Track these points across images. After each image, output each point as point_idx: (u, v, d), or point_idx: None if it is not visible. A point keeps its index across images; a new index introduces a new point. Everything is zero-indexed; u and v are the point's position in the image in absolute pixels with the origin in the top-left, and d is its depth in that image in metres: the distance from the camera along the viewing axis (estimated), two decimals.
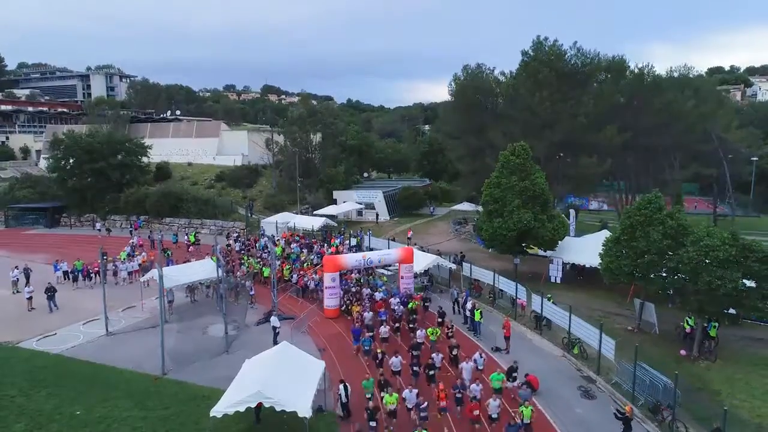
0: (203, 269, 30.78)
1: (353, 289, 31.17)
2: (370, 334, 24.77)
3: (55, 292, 29.06)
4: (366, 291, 30.46)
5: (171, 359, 23.01)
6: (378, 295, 29.74)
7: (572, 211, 44.03)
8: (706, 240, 22.46)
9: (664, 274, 24.28)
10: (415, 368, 21.31)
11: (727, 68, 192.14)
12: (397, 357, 21.84)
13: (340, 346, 25.70)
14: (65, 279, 36.27)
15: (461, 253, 38.71)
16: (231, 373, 21.68)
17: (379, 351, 22.49)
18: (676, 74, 49.65)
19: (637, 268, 25.12)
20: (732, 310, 22.48)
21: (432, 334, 24.20)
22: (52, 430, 17.94)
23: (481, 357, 21.95)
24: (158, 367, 22.65)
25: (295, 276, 34.03)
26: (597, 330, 22.27)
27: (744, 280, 21.62)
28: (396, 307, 27.88)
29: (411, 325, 26.05)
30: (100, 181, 58.98)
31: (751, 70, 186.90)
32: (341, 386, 18.97)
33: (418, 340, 24.00)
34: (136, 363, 23.32)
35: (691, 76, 50.82)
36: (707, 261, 22.00)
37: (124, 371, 22.60)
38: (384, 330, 25.23)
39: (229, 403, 15.61)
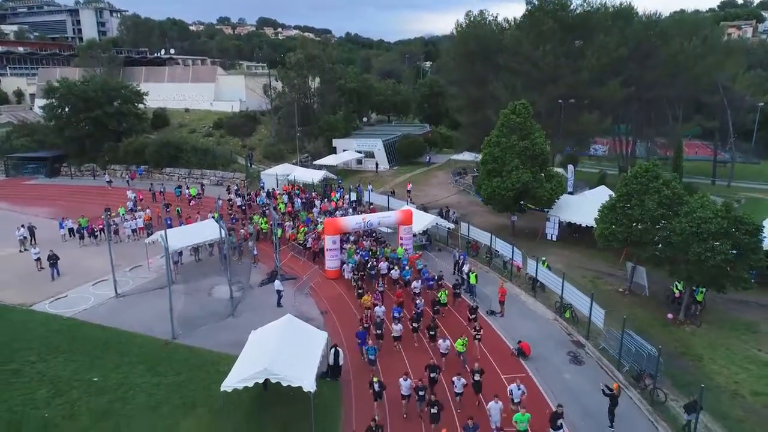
0: (206, 230, 31.43)
1: (366, 259, 29.56)
2: (379, 331, 22.38)
3: (58, 260, 29.33)
4: (383, 265, 28.63)
5: (179, 324, 24.02)
6: (395, 273, 27.96)
7: (570, 167, 44.11)
8: (699, 212, 22.91)
9: (657, 243, 24.85)
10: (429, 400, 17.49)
11: (740, 1, 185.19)
12: (406, 380, 18.09)
13: (341, 308, 26.71)
14: (71, 236, 36.97)
15: (455, 214, 39.29)
16: (237, 337, 22.90)
17: (375, 381, 18.07)
18: (682, 18, 48.27)
19: (631, 236, 25.70)
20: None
21: (461, 345, 20.94)
22: (73, 396, 19.14)
23: (519, 388, 18.00)
24: (168, 331, 23.71)
25: (310, 239, 33.89)
26: (588, 298, 23.16)
27: (732, 251, 22.21)
28: (418, 301, 24.74)
29: (432, 332, 22.18)
30: (97, 129, 58.53)
31: (764, 5, 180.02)
32: (332, 351, 20.09)
33: (442, 350, 20.88)
34: (146, 327, 24.38)
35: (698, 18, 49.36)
36: (698, 232, 22.55)
37: (135, 335, 23.69)
38: (397, 328, 22.50)
39: (238, 378, 16.62)
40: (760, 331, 23.97)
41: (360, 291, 26.18)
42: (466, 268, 28.52)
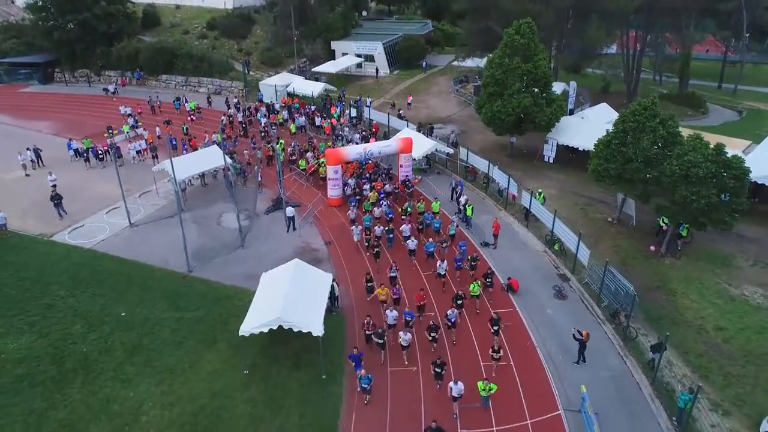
0: (211, 158, 32.13)
1: (390, 217, 28.40)
2: (380, 341, 19.68)
3: (62, 199, 29.70)
4: (405, 228, 26.62)
5: (193, 257, 25.73)
6: (412, 244, 25.60)
7: (573, 84, 43.50)
8: (690, 155, 23.58)
9: (647, 182, 25.77)
10: None
11: None
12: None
13: (344, 239, 28.29)
14: (77, 157, 37.67)
15: (454, 135, 39.53)
16: (248, 270, 24.88)
17: None
18: None
19: (624, 173, 26.54)
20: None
21: (483, 389, 17.36)
22: (105, 331, 21.33)
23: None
24: (183, 263, 25.48)
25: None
26: (576, 237, 24.64)
27: (717, 196, 23.25)
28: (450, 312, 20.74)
29: (438, 368, 18.27)
30: (87, 33, 56.40)
31: None
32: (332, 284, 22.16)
33: (453, 394, 17.25)
34: (163, 260, 26.12)
35: None
36: (687, 175, 23.43)
37: (154, 269, 25.50)
38: (406, 337, 19.58)
39: (254, 324, 18.53)
40: (734, 264, 25.73)
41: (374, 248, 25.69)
42: (462, 200, 29.69)
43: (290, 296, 19.34)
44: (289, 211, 29.03)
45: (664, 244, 26.51)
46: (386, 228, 27.25)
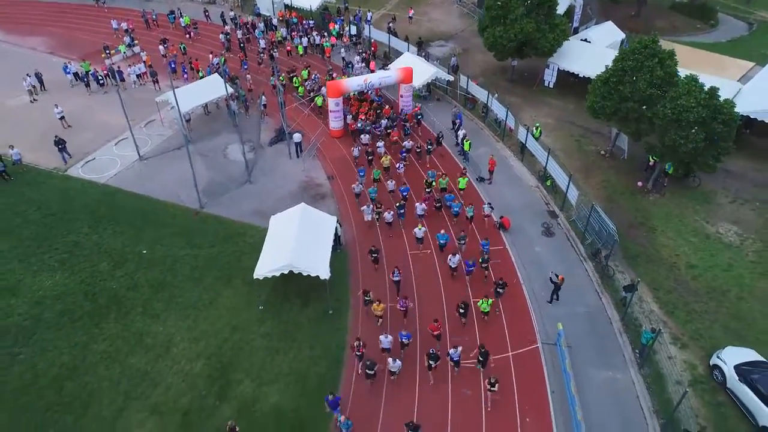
0: (213, 88, 32.42)
1: (404, 195, 26.14)
2: (371, 372, 18.25)
3: (65, 143, 29.81)
4: (419, 207, 25.34)
5: (203, 193, 27.15)
6: (419, 232, 23.87)
7: (579, 0, 42.07)
8: (683, 99, 24.15)
9: (640, 121, 26.51)
10: None
11: None
12: None
13: (346, 174, 29.51)
14: (77, 81, 37.67)
15: (455, 60, 39.02)
16: (257, 206, 26.59)
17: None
18: None
19: (619, 111, 27.17)
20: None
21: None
22: (130, 268, 23.38)
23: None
24: (195, 199, 26.97)
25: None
26: (567, 177, 25.91)
27: (704, 140, 24.20)
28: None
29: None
30: None
31: None
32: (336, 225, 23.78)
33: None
34: (174, 195, 27.58)
35: None
36: (678, 120, 24.21)
37: (167, 205, 27.05)
38: (395, 365, 18.47)
39: (267, 269, 20.45)
40: (714, 201, 27.25)
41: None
42: (461, 134, 30.49)
43: (299, 241, 21.09)
44: (296, 137, 30.28)
45: (651, 180, 27.82)
46: (398, 203, 25.57)
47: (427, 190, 26.71)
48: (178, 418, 17.67)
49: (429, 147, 29.71)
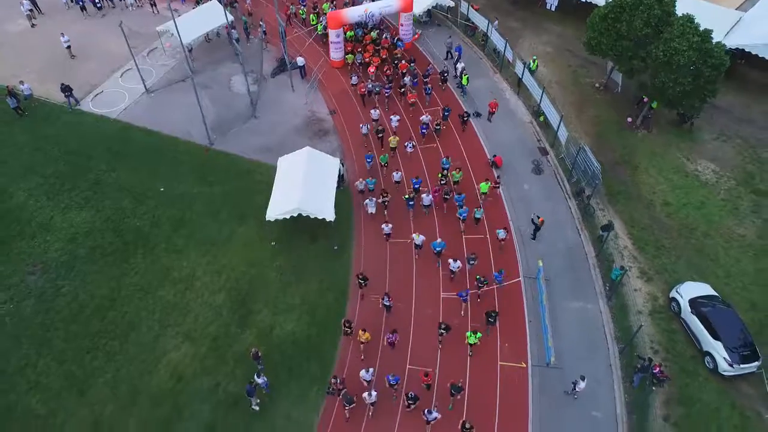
0: (214, 15, 32.32)
1: (416, 188, 25.09)
2: (349, 406, 18.18)
3: (72, 90, 29.39)
4: (425, 198, 24.59)
5: (212, 129, 28.42)
6: (419, 240, 22.93)
7: None
8: (676, 42, 24.74)
9: (633, 59, 27.14)
10: None
11: None
12: None
13: (347, 108, 30.54)
14: (72, 2, 37.12)
15: None
16: (264, 142, 28.19)
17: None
18: None
19: (614, 48, 27.69)
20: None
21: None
22: (150, 205, 25.39)
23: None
24: (204, 135, 28.32)
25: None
26: (559, 117, 27.11)
27: (692, 84, 25.13)
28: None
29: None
30: None
31: None
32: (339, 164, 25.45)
33: None
34: (185, 131, 28.85)
35: None
36: (669, 62, 24.99)
37: (178, 141, 28.44)
38: (371, 398, 18.34)
39: (278, 212, 22.46)
40: (698, 138, 28.64)
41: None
42: (460, 66, 31.06)
43: (306, 185, 22.94)
44: (300, 60, 31.24)
45: (640, 117, 28.99)
46: (407, 195, 24.95)
47: (442, 181, 25.89)
48: (207, 343, 20.65)
49: (437, 126, 28.34)
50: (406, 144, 27.24)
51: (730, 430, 18.56)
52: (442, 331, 20.08)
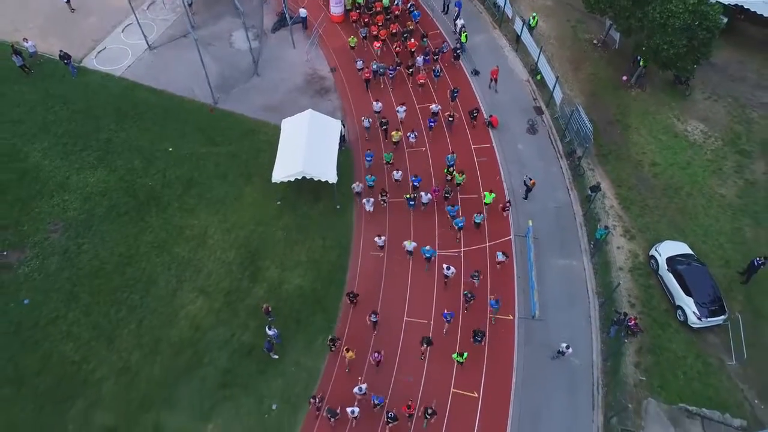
0: None
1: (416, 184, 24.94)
2: (332, 419, 18.73)
3: (71, 57, 29.47)
4: (424, 196, 24.53)
5: (215, 88, 29.06)
6: (409, 246, 23.03)
7: None
8: (673, 3, 25.02)
9: (631, 19, 27.41)
10: None
11: None
12: None
13: (348, 65, 30.97)
14: None
15: None
16: (266, 101, 29.10)
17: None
18: None
19: (612, 7, 27.88)
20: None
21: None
22: (160, 166, 26.57)
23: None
24: (208, 93, 29.04)
25: None
26: (554, 78, 27.74)
27: (685, 47, 25.59)
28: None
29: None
30: None
31: None
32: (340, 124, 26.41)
33: None
34: (188, 89, 29.54)
35: None
36: (665, 24, 25.37)
37: (184, 100, 29.18)
38: (354, 414, 18.82)
39: (283, 175, 23.65)
40: (690, 97, 29.27)
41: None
42: (459, 23, 31.20)
43: (309, 148, 24.02)
44: (302, 12, 31.67)
45: (635, 76, 29.54)
46: (408, 195, 24.82)
47: (447, 178, 25.70)
48: (221, 297, 22.48)
49: (450, 119, 27.50)
50: (408, 134, 26.93)
51: (693, 375, 20.66)
52: (424, 345, 20.52)
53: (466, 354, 20.17)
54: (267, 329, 20.71)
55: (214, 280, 22.93)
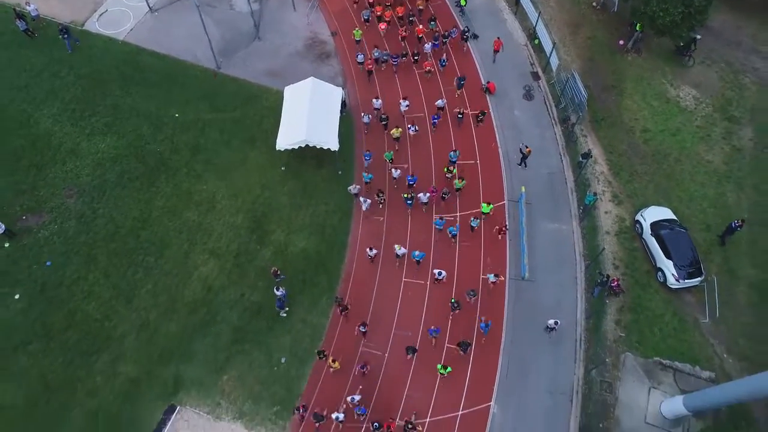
0: None
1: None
2: (318, 423, 19.86)
3: (68, 29, 29.33)
4: (422, 196, 24.59)
5: (218, 53, 29.51)
6: (400, 251, 23.34)
7: None
8: None
9: None
10: None
11: None
12: None
13: (348, 28, 31.18)
14: None
15: None
16: (268, 66, 29.76)
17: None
18: None
19: None
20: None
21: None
22: (167, 132, 27.43)
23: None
24: (210, 58, 29.53)
25: None
26: (551, 45, 28.18)
27: (681, 14, 25.98)
28: None
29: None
30: None
31: None
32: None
33: None
34: (192, 54, 29.98)
35: None
36: None
37: (187, 65, 29.66)
38: (339, 417, 19.84)
39: (286, 143, 24.58)
40: (684, 62, 29.74)
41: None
42: None
43: (311, 117, 24.84)
44: None
45: (631, 41, 29.94)
46: (406, 194, 24.82)
47: (447, 175, 25.59)
48: (231, 259, 23.95)
49: (460, 116, 27.17)
50: (409, 127, 26.77)
51: (669, 332, 22.41)
52: (410, 354, 21.40)
53: (449, 368, 20.70)
54: (275, 290, 22.26)
55: (223, 243, 24.32)
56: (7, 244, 23.77)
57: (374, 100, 27.54)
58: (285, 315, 22.57)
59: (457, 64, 29.97)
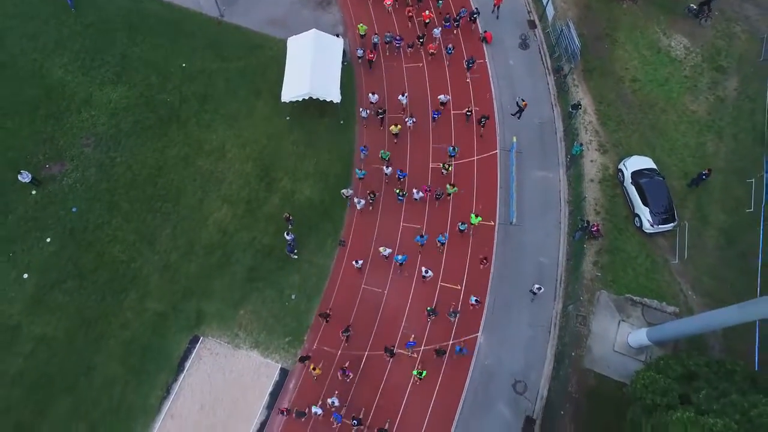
0: None
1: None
2: (301, 419, 21.77)
3: None
4: (417, 195, 25.06)
5: (221, 1, 30.03)
6: (385, 252, 24.19)
7: None
8: None
9: None
10: None
11: None
12: None
13: None
14: None
15: None
16: (270, 14, 30.57)
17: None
18: None
19: None
20: None
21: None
22: (176, 82, 28.52)
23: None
24: (213, 5, 30.01)
25: None
26: None
27: None
28: None
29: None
30: None
31: None
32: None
33: None
34: (195, 0, 30.43)
35: None
36: None
37: (191, 13, 30.18)
38: (318, 412, 21.47)
39: (291, 95, 25.78)
40: (678, 11, 30.31)
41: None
42: None
43: (314, 70, 25.96)
44: None
45: None
46: (398, 190, 25.37)
47: (443, 172, 25.97)
48: (242, 205, 25.92)
49: (468, 113, 27.30)
50: (407, 119, 26.98)
51: (641, 272, 24.78)
52: (388, 356, 22.58)
53: (424, 372, 22.00)
54: (285, 234, 24.41)
55: (235, 190, 26.21)
56: (34, 191, 25.64)
57: (370, 95, 27.40)
58: (296, 257, 24.83)
59: (464, 44, 29.59)
